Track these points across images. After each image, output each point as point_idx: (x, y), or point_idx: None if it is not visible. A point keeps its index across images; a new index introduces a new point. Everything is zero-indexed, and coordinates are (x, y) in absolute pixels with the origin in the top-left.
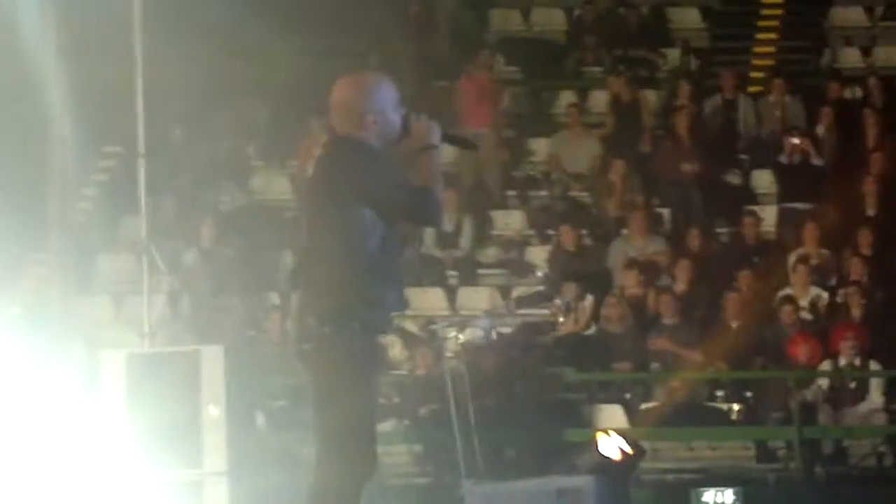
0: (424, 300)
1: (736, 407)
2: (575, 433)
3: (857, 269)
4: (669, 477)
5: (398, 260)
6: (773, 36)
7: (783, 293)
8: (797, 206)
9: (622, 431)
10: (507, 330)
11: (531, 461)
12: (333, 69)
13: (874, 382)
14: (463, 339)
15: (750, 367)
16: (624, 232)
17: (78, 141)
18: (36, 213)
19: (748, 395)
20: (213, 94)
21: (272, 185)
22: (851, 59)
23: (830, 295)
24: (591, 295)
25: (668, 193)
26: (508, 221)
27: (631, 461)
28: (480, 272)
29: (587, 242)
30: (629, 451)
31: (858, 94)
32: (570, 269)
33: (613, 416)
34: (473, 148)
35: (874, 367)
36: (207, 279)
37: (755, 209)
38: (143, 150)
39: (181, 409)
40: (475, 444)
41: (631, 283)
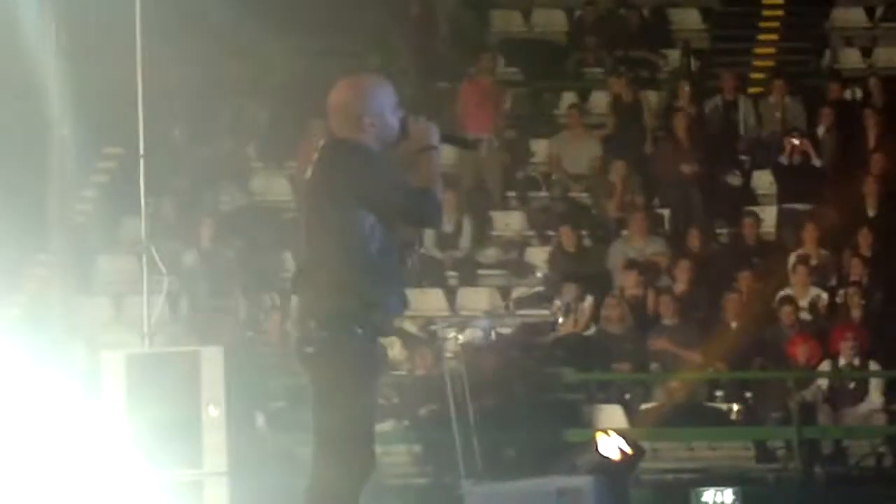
0: (424, 301)
1: (735, 407)
2: (575, 433)
3: (856, 269)
4: (669, 477)
5: (398, 262)
6: (773, 37)
7: (783, 294)
8: (797, 206)
9: (622, 431)
10: (506, 330)
11: (531, 461)
12: (333, 69)
13: (874, 383)
14: (462, 339)
15: (749, 367)
16: (624, 233)
17: (78, 141)
18: (36, 214)
19: (748, 395)
20: (212, 94)
21: (272, 185)
22: (852, 59)
23: (830, 295)
24: (590, 296)
25: (668, 194)
26: (508, 222)
27: (631, 461)
28: (480, 273)
29: (587, 243)
30: (629, 451)
31: (859, 94)
32: (569, 269)
33: (613, 416)
34: (473, 147)
35: (874, 367)
36: (207, 280)
37: (755, 210)
38: (143, 150)
39: (181, 409)
40: (475, 444)
41: (631, 283)
